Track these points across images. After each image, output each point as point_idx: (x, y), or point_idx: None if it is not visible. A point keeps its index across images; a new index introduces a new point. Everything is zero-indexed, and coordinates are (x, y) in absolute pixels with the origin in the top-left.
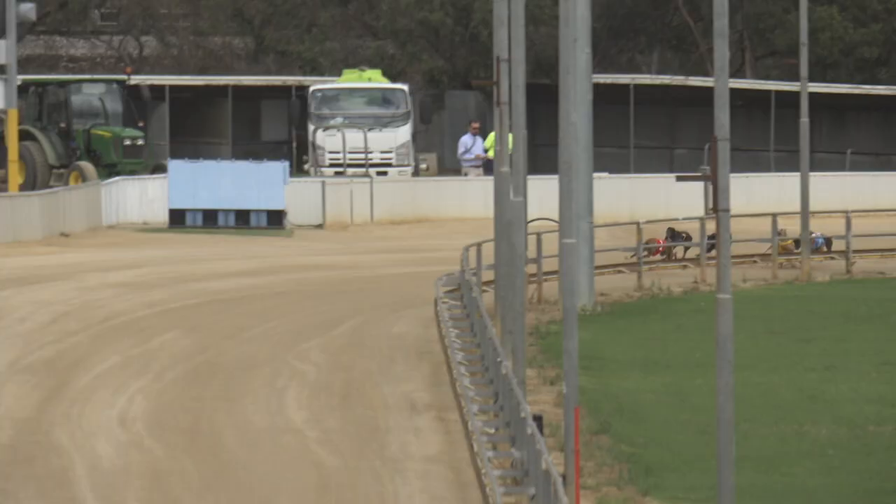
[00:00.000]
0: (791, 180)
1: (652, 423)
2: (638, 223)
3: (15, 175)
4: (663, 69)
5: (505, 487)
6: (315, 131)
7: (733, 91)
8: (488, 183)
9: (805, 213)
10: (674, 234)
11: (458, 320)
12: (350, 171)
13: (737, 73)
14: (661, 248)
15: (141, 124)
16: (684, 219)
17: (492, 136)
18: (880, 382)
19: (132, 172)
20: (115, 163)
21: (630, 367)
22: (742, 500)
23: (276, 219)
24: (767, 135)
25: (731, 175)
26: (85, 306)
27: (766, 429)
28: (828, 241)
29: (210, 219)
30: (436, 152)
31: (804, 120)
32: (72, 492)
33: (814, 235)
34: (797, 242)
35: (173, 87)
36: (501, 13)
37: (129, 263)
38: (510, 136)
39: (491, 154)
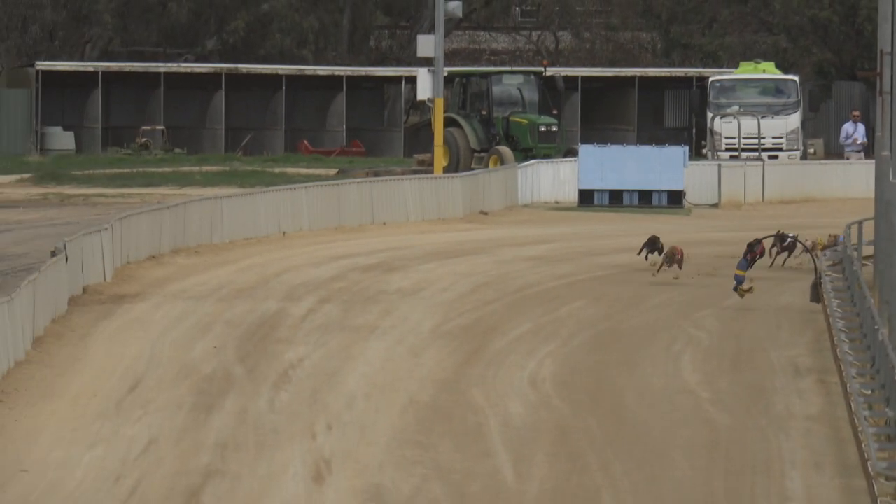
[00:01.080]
0: None
1: None
2: None
3: (440, 158)
4: None
5: (879, 444)
6: (713, 118)
7: None
8: (869, 166)
9: None
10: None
11: (840, 292)
12: (744, 154)
13: None
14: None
15: (555, 112)
16: None
17: None
18: None
19: (546, 156)
20: (530, 147)
21: None
22: None
23: (675, 198)
24: None
25: None
26: (500, 278)
27: None
28: None
29: (616, 198)
30: (822, 138)
31: None
32: (485, 446)
33: None
34: None
35: (585, 78)
36: (886, 10)
37: (541, 239)
38: None
39: None
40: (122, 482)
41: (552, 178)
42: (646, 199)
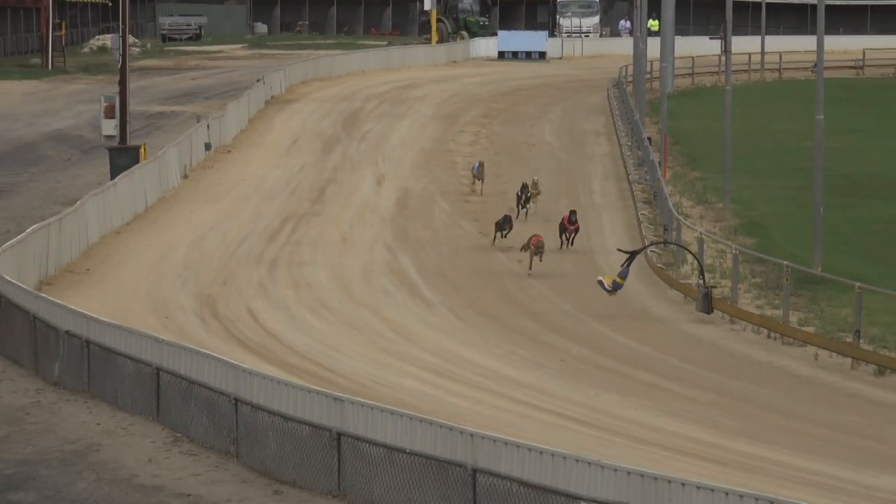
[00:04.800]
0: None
1: (698, 141)
2: (693, 57)
3: (435, 36)
4: None
5: (634, 167)
6: (559, 18)
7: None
8: (631, 40)
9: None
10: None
11: (617, 98)
12: (574, 35)
13: None
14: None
15: (487, 15)
16: (716, 55)
17: (654, 21)
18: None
19: (482, 36)
20: (475, 32)
21: (689, 117)
22: (735, 172)
23: (542, 55)
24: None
25: (735, 36)
26: (460, 91)
27: (747, 144)
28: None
29: (515, 55)
30: (609, 27)
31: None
32: (455, 171)
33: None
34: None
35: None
36: None
37: (480, 73)
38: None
39: (653, 27)
40: (289, 184)
41: (485, 46)
42: (529, 56)
